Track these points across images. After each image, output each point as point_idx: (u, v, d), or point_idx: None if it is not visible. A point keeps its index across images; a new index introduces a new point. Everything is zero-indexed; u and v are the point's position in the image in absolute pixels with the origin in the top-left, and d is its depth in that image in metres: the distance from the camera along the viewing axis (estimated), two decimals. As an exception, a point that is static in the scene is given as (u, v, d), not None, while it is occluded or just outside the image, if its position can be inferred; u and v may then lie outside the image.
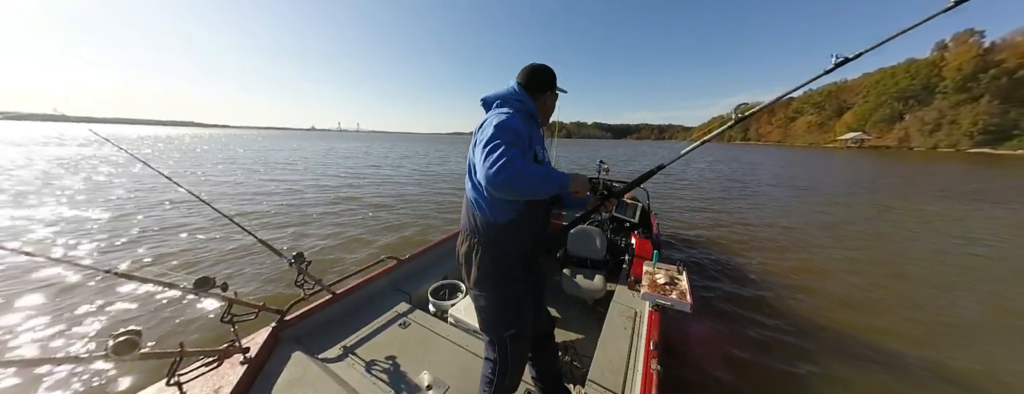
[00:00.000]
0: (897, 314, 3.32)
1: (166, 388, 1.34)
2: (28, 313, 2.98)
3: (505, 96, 1.21)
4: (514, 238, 1.19)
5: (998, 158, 34.75)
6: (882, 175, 16.26)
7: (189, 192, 2.07)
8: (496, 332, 1.25)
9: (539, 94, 1.25)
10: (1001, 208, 8.53)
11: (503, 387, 1.30)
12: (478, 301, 1.25)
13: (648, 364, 1.50)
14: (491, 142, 0.97)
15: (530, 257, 1.27)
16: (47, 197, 7.48)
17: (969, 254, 5.10)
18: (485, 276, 1.20)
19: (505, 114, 1.09)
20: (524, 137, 1.07)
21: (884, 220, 7.28)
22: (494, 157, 0.93)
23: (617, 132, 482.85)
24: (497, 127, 1.02)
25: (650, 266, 2.19)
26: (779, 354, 2.63)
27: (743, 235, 5.96)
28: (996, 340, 2.91)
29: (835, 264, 4.63)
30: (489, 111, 1.22)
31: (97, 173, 11.16)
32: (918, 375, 2.46)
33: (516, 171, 0.92)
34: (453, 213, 7.08)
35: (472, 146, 1.12)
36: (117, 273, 1.35)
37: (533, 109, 1.22)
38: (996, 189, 11.75)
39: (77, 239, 4.92)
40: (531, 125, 1.19)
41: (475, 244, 1.20)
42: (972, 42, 65.76)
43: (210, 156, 19.14)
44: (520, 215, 1.17)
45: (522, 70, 1.26)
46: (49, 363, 1.11)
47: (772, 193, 10.91)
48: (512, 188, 0.94)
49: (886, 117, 71.95)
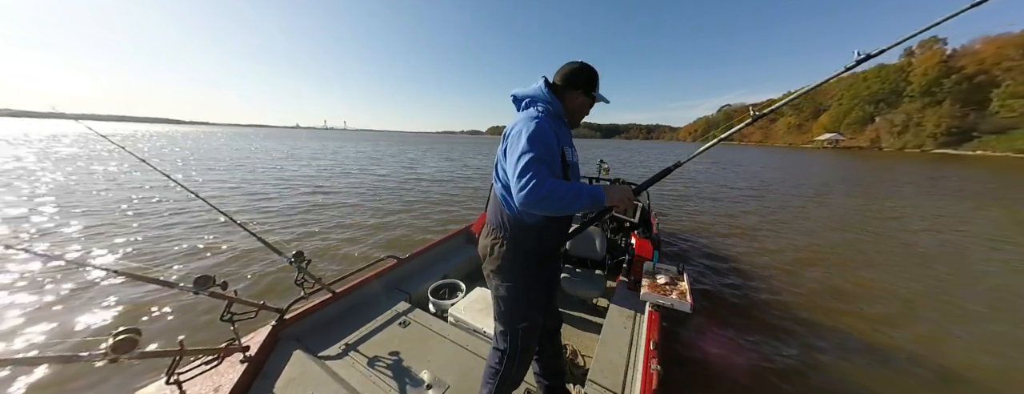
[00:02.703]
0: (901, 309, 3.38)
1: (166, 387, 1.32)
2: (27, 312, 2.92)
3: (534, 95, 1.21)
4: (540, 237, 1.22)
5: (957, 158, 36.93)
6: (857, 174, 17.10)
7: (191, 192, 2.00)
8: (511, 322, 1.27)
9: (571, 92, 1.23)
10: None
11: (508, 378, 1.30)
12: (497, 290, 1.27)
13: (648, 364, 1.50)
14: (522, 158, 0.99)
15: (551, 254, 1.31)
16: (34, 191, 7.15)
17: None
18: (507, 268, 1.23)
19: (535, 121, 1.08)
20: (554, 147, 1.08)
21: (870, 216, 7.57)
22: (525, 179, 0.96)
23: (606, 132, 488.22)
24: (529, 140, 1.02)
25: (650, 266, 2.17)
26: (779, 354, 2.64)
27: (744, 235, 5.99)
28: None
29: (834, 263, 4.67)
30: (519, 110, 1.25)
31: (84, 170, 10.60)
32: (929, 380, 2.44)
33: (545, 193, 0.94)
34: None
35: (503, 148, 1.15)
36: (116, 272, 1.32)
37: (561, 110, 1.22)
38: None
39: (75, 238, 4.75)
40: (559, 126, 1.18)
41: (501, 238, 1.23)
42: (936, 49, 69.70)
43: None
44: (546, 218, 1.19)
45: (561, 68, 1.24)
46: (48, 362, 1.09)
47: (771, 192, 11.16)
48: (542, 209, 0.97)
49: (859, 119, 75.47)
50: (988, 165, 26.81)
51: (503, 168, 1.15)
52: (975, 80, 60.35)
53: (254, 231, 1.93)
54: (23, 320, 2.81)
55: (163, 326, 2.80)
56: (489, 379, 1.32)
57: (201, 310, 2.96)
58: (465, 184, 11.32)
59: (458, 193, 9.53)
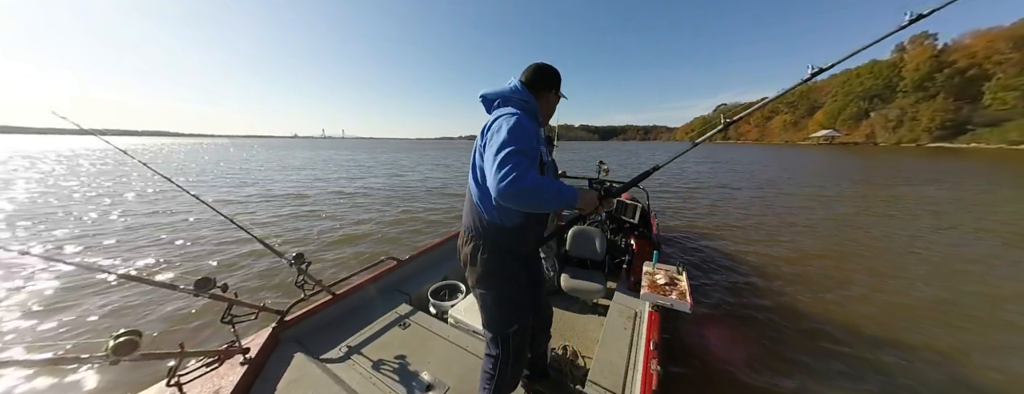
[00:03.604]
0: (901, 308, 3.32)
1: (166, 389, 1.33)
2: (28, 313, 2.94)
3: (507, 94, 1.18)
4: (519, 239, 1.21)
5: (953, 151, 37.04)
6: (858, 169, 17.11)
7: (196, 197, 2.00)
8: (500, 329, 1.26)
9: (543, 93, 1.23)
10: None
11: (503, 382, 1.30)
12: (483, 299, 1.26)
13: (648, 364, 1.49)
14: (503, 149, 0.95)
15: (532, 254, 1.31)
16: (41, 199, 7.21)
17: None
18: (489, 275, 1.20)
19: (514, 116, 1.06)
20: (535, 142, 1.06)
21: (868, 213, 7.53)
22: (506, 169, 0.92)
23: (603, 134, 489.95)
24: (510, 132, 0.99)
25: (650, 266, 2.16)
26: (779, 353, 2.62)
27: (744, 235, 5.94)
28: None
29: (835, 262, 4.62)
30: (491, 110, 1.22)
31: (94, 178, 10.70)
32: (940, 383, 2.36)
33: (528, 185, 0.91)
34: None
35: (478, 147, 1.11)
36: (118, 274, 1.33)
37: (536, 108, 1.21)
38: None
39: (74, 240, 4.77)
40: (536, 126, 1.18)
41: (479, 245, 1.20)
42: (927, 44, 70.44)
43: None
44: (526, 219, 1.17)
45: (527, 68, 1.24)
46: (49, 363, 1.09)
47: (771, 192, 11.04)
48: (520, 201, 0.93)
49: (853, 115, 76.01)
50: (985, 157, 26.84)
51: (480, 168, 1.11)
52: (967, 74, 60.93)
53: (255, 234, 1.94)
54: (24, 321, 2.82)
55: (164, 328, 2.80)
56: (485, 385, 1.31)
57: (201, 312, 2.96)
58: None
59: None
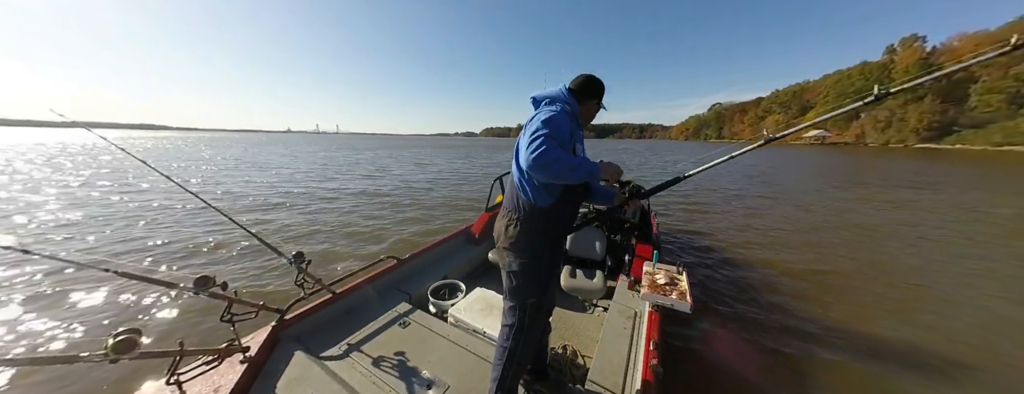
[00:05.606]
0: (902, 307, 3.33)
1: (166, 387, 1.32)
2: (26, 312, 2.91)
3: (554, 96, 1.36)
4: (550, 220, 1.36)
5: (940, 152, 37.77)
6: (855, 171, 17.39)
7: (194, 194, 1.99)
8: (521, 298, 1.37)
9: (586, 100, 1.42)
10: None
11: (515, 357, 1.37)
12: (510, 266, 1.37)
13: (648, 364, 1.51)
14: (536, 133, 1.14)
15: (560, 237, 1.45)
16: (38, 193, 7.13)
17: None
18: (519, 246, 1.35)
19: (552, 111, 1.25)
20: (565, 132, 1.23)
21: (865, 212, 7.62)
22: (535, 144, 1.12)
23: (600, 132, 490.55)
24: (544, 122, 1.18)
25: (650, 266, 2.17)
26: (780, 353, 2.62)
27: (744, 235, 5.95)
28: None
29: (833, 261, 4.65)
30: (537, 108, 1.39)
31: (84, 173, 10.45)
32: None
33: (552, 158, 1.09)
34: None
35: (521, 136, 1.29)
36: (116, 272, 1.31)
37: (577, 111, 1.38)
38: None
39: (73, 237, 4.70)
40: (573, 124, 1.33)
41: (515, 220, 1.36)
42: (917, 46, 71.71)
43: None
44: (557, 201, 1.33)
45: (577, 77, 1.45)
46: (48, 362, 1.08)
47: (770, 191, 11.13)
48: (546, 171, 1.11)
49: (844, 116, 77.11)
50: (970, 158, 27.42)
51: (519, 151, 1.28)
52: (954, 77, 62.15)
53: (254, 232, 1.92)
54: (23, 320, 2.79)
55: (163, 326, 2.78)
56: (499, 360, 1.39)
57: (201, 310, 2.93)
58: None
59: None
